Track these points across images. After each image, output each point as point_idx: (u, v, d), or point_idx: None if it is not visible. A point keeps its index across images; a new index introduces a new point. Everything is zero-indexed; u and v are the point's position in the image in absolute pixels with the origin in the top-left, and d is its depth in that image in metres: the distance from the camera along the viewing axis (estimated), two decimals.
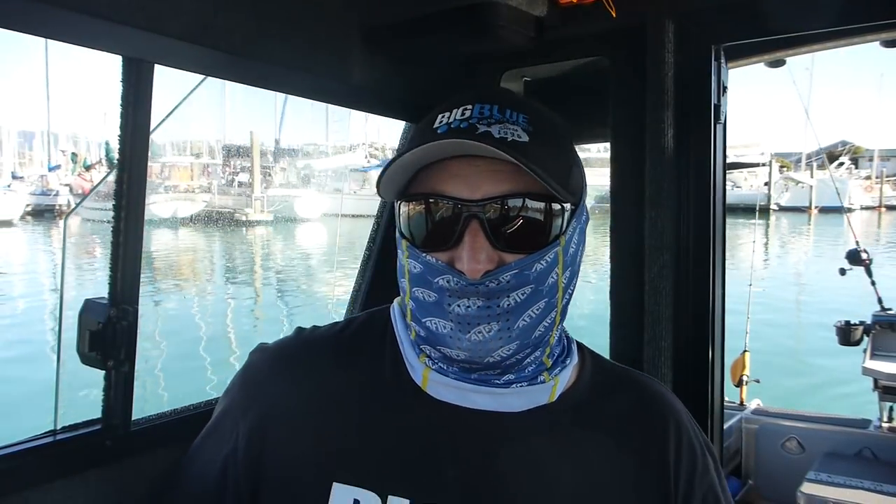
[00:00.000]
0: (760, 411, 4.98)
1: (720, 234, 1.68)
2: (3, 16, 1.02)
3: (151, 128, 1.28)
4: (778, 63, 1.94)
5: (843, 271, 5.43)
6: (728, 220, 1.75)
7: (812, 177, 45.32)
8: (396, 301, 1.04)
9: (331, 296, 14.15)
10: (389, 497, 0.89)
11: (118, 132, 1.26)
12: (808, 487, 3.96)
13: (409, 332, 0.98)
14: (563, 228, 0.90)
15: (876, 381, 4.62)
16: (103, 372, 1.28)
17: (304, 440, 0.95)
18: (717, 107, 1.63)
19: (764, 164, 44.15)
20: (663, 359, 1.62)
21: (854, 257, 5.24)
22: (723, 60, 1.63)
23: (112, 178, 1.27)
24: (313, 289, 17.06)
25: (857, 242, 5.37)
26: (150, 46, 1.21)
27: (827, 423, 4.68)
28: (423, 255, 0.88)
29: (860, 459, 4.37)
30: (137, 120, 1.24)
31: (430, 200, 0.88)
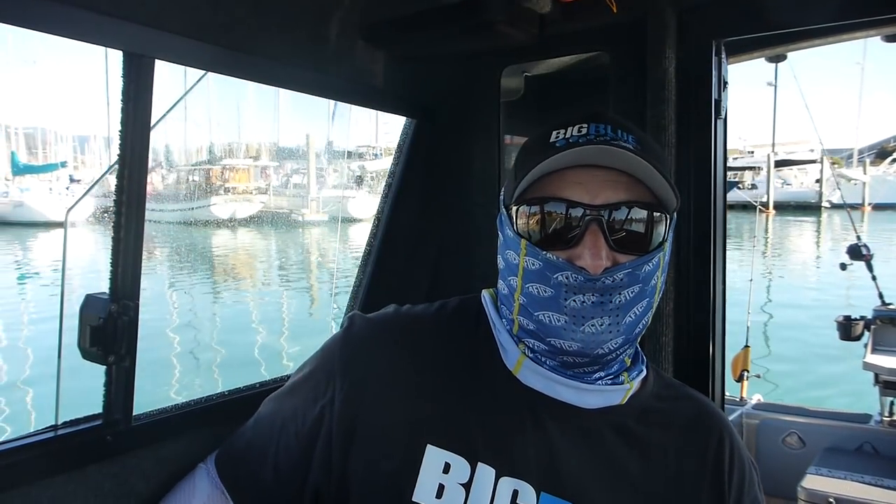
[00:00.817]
0: (761, 406, 4.99)
1: (721, 229, 1.68)
2: (4, 11, 1.02)
3: (152, 123, 1.28)
4: (779, 58, 1.94)
5: (843, 266, 5.43)
6: (778, 218, 1.75)
7: (865, 173, 44.29)
8: (486, 292, 1.15)
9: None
10: (479, 464, 0.98)
11: (119, 128, 1.26)
12: (808, 482, 3.96)
13: (503, 321, 1.07)
14: (665, 236, 1.00)
15: (877, 375, 4.63)
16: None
17: (402, 402, 1.03)
18: (718, 102, 1.63)
19: (814, 161, 43.74)
20: (664, 354, 1.63)
21: (855, 252, 5.25)
22: (723, 56, 1.63)
23: (152, 175, 1.27)
24: None
25: (858, 237, 5.37)
26: (150, 42, 1.21)
27: (827, 418, 4.69)
28: (545, 253, 0.96)
29: (861, 454, 4.38)
30: (138, 115, 1.24)
31: (554, 204, 0.97)
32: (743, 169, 44.95)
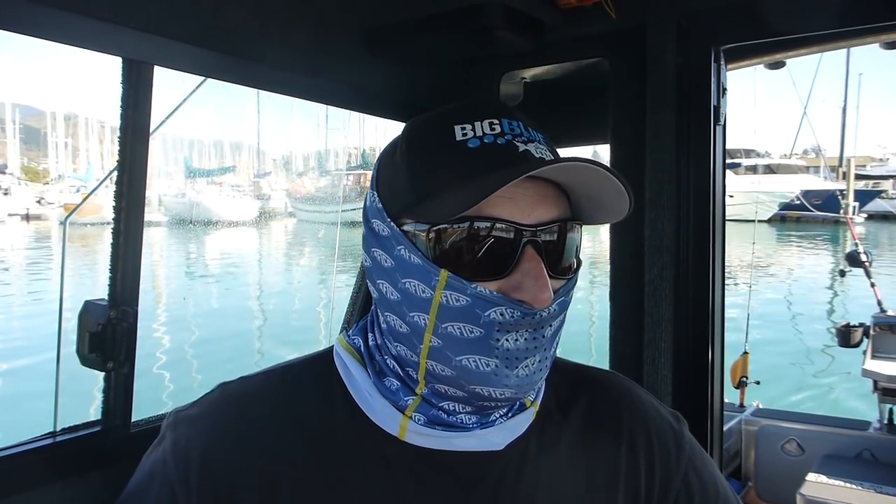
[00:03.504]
0: (760, 413, 4.99)
1: (720, 235, 1.68)
2: (3, 17, 1.02)
3: (151, 129, 1.28)
4: (778, 65, 1.94)
5: (842, 273, 5.44)
6: (886, 229, 1.72)
7: None
8: (340, 343, 0.93)
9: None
10: None
11: (118, 133, 1.26)
12: (807, 489, 3.96)
13: (374, 373, 0.88)
14: (579, 251, 0.88)
15: (875, 382, 4.63)
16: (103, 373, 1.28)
17: None
18: (717, 108, 1.63)
19: None
20: (663, 360, 1.62)
21: (853, 259, 5.26)
22: (722, 62, 1.63)
23: (303, 179, 1.27)
24: None
25: (856, 244, 5.39)
26: (149, 48, 1.21)
27: (827, 425, 4.68)
28: (474, 286, 0.78)
29: (860, 461, 4.38)
30: (137, 121, 1.25)
31: (483, 225, 0.78)
32: (883, 178, 43.86)
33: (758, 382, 5.43)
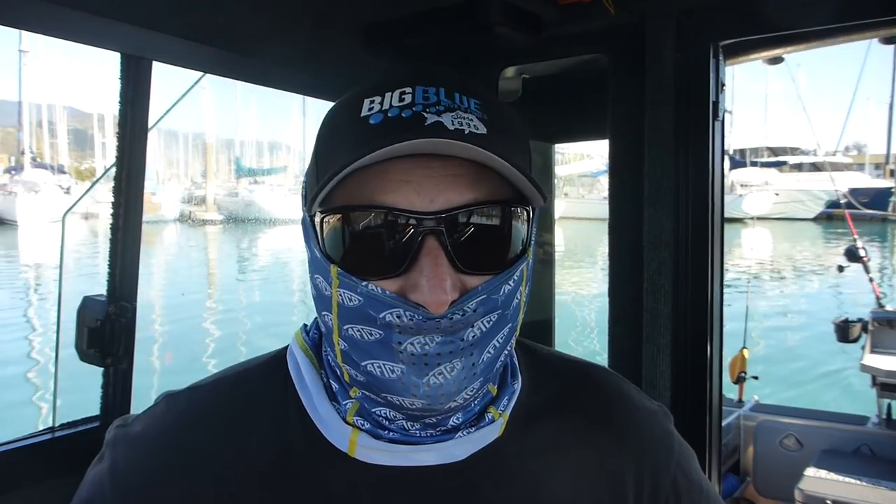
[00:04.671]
0: (759, 408, 4.99)
1: (719, 231, 1.68)
2: (2, 13, 1.02)
3: (150, 124, 1.28)
4: (776, 60, 1.94)
5: (841, 268, 5.45)
6: None
7: None
8: (297, 341, 0.84)
9: (581, 292, 15.36)
10: None
11: (116, 129, 1.26)
12: (806, 484, 3.96)
13: (323, 377, 0.80)
14: (529, 239, 0.75)
15: (874, 377, 4.64)
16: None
17: None
18: (716, 104, 1.63)
19: None
20: (662, 356, 1.63)
21: (852, 254, 5.27)
22: (721, 58, 1.63)
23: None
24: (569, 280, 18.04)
25: (855, 239, 5.40)
26: (148, 43, 1.21)
27: (825, 420, 4.69)
28: (365, 284, 0.68)
29: (858, 456, 4.38)
30: (135, 116, 1.24)
31: (374, 214, 0.68)
32: None
33: (756, 377, 5.44)
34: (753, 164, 41.39)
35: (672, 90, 1.59)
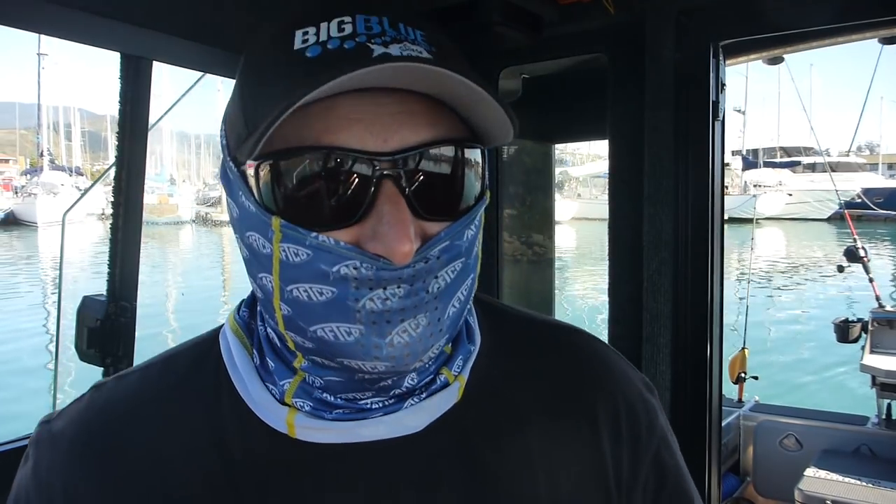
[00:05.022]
0: (758, 408, 4.99)
1: (718, 231, 1.68)
2: (3, 13, 1.02)
3: (150, 124, 1.28)
4: (776, 60, 1.94)
5: (840, 268, 5.45)
6: None
7: None
8: (229, 323, 0.76)
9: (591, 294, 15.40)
10: None
11: (116, 129, 1.26)
12: (806, 484, 3.96)
13: (255, 358, 0.72)
14: (485, 180, 0.69)
15: (874, 378, 4.64)
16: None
17: None
18: (716, 104, 1.63)
19: None
20: (662, 356, 1.63)
21: (852, 254, 5.26)
22: (721, 57, 1.63)
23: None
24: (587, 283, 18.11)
25: (854, 239, 5.39)
26: (148, 43, 1.21)
27: (825, 420, 4.69)
28: (315, 236, 0.61)
29: (858, 456, 4.38)
30: (135, 116, 1.24)
31: (321, 156, 0.60)
32: None
33: (756, 377, 5.44)
34: (767, 164, 41.26)
35: (672, 90, 1.59)
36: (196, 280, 19.36)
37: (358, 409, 0.68)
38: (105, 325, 1.25)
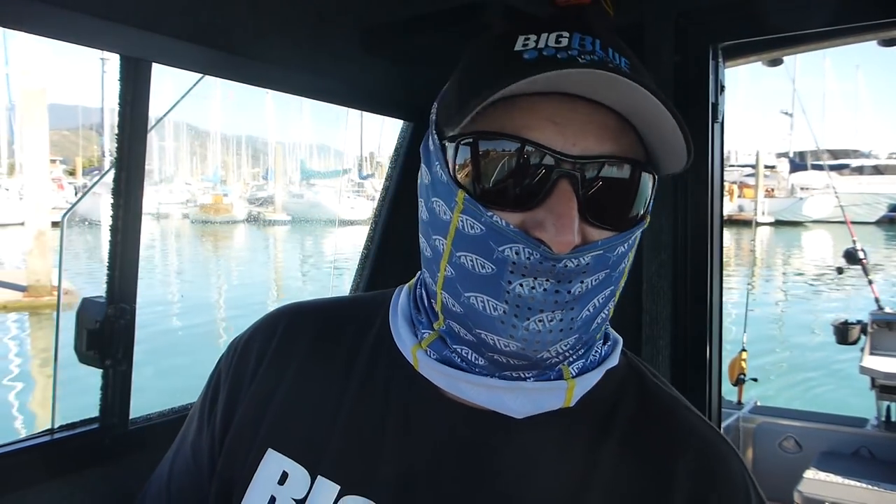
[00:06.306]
0: (758, 410, 4.99)
1: (718, 233, 1.68)
2: (2, 14, 1.02)
3: (149, 126, 1.28)
4: (776, 62, 1.94)
5: (840, 270, 5.46)
6: None
7: None
8: (407, 286, 0.90)
9: None
10: (319, 477, 0.79)
11: (116, 131, 1.26)
12: (805, 486, 3.96)
13: (413, 303, 0.85)
14: (650, 205, 0.76)
15: (873, 379, 4.64)
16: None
17: (257, 406, 0.86)
18: (715, 106, 1.63)
19: None
20: (661, 357, 1.63)
21: (851, 256, 5.27)
22: (721, 59, 1.63)
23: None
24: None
25: (854, 241, 5.40)
26: (147, 45, 1.21)
27: (824, 422, 4.69)
28: (490, 214, 0.69)
29: (857, 458, 4.38)
30: (135, 118, 1.24)
31: (511, 145, 0.68)
32: None
33: (755, 379, 5.44)
34: (814, 167, 41.02)
35: (671, 92, 1.59)
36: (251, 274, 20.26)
37: (470, 368, 0.76)
38: (105, 327, 1.25)
